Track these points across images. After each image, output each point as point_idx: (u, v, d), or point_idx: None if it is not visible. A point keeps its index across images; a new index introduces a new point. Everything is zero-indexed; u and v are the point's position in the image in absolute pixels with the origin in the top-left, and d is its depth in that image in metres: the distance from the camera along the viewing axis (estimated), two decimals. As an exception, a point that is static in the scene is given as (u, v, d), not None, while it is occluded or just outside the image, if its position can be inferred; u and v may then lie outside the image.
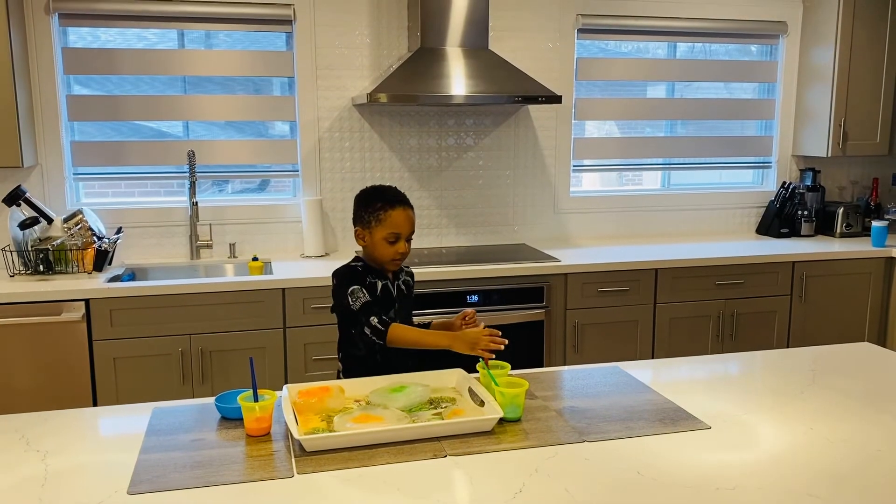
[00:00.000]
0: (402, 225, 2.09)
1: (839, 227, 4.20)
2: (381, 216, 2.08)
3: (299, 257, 3.66)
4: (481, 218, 4.00)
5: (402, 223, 2.09)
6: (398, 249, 2.09)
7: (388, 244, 2.09)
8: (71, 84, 3.54)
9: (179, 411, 1.83)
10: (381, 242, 2.09)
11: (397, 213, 2.08)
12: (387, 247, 2.09)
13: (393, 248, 2.09)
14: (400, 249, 2.09)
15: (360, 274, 2.11)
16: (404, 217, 2.09)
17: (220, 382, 3.13)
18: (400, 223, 2.08)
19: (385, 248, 2.09)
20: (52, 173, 3.48)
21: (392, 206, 2.09)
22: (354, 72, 3.72)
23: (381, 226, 2.08)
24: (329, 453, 1.57)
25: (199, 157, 3.61)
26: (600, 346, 3.55)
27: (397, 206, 2.09)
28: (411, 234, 2.12)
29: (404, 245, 2.10)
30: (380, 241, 2.09)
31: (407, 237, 2.11)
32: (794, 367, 2.14)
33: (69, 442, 1.65)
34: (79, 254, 3.21)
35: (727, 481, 1.45)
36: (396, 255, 2.09)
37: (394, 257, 2.10)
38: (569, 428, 1.71)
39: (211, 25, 3.58)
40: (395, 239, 2.08)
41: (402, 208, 2.10)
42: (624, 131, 4.29)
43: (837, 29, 4.01)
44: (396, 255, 2.09)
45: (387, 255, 2.10)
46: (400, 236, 2.09)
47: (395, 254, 2.09)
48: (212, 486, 1.44)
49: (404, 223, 2.09)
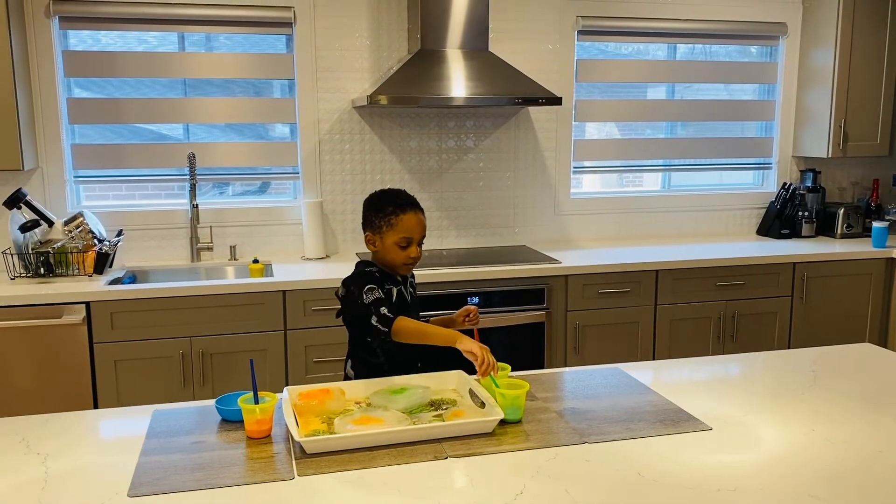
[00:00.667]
0: (413, 229, 2.06)
1: (840, 228, 4.20)
2: (393, 221, 2.05)
3: (300, 259, 3.66)
4: (482, 220, 4.00)
5: (413, 227, 2.06)
6: (410, 254, 2.07)
7: (399, 249, 2.06)
8: (71, 87, 3.54)
9: (180, 413, 1.83)
10: (393, 247, 2.06)
11: (409, 217, 2.06)
12: (398, 252, 2.06)
13: (405, 252, 2.07)
14: (412, 254, 2.07)
15: (379, 280, 2.06)
16: (416, 221, 2.07)
17: (221, 385, 3.13)
18: (411, 227, 2.06)
19: (397, 252, 2.07)
20: (53, 176, 3.48)
21: (403, 210, 2.06)
22: (354, 74, 3.72)
23: (393, 230, 2.05)
24: (330, 455, 1.57)
25: (200, 159, 3.61)
26: (601, 348, 3.54)
27: (409, 210, 2.06)
28: (423, 238, 2.10)
29: (416, 249, 2.08)
30: (391, 245, 2.06)
31: (419, 241, 2.08)
32: (795, 368, 2.14)
33: (70, 444, 1.65)
34: (79, 256, 3.21)
35: (728, 482, 1.45)
36: (408, 259, 2.07)
37: (406, 262, 2.08)
38: (569, 429, 1.70)
39: (211, 28, 3.59)
40: (407, 244, 2.06)
41: (414, 212, 2.07)
42: (624, 133, 4.29)
43: (837, 30, 4.01)
44: (408, 259, 2.07)
45: (399, 260, 2.08)
46: (412, 241, 2.06)
47: (406, 258, 2.07)
48: (212, 489, 1.44)
49: (416, 227, 2.07)
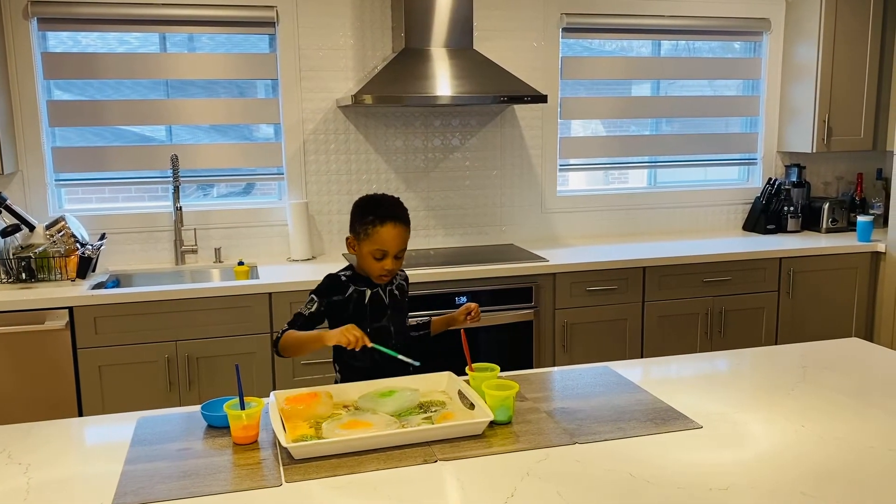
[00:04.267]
0: (389, 243, 2.02)
1: (825, 222, 4.22)
2: (370, 231, 2.02)
3: (286, 261, 3.63)
4: (469, 219, 3.99)
5: (389, 241, 2.02)
6: (384, 266, 2.04)
7: (374, 259, 2.03)
8: (51, 89, 3.49)
9: (165, 420, 1.80)
10: (368, 256, 2.04)
11: (386, 229, 2.01)
12: (373, 262, 2.04)
13: (379, 264, 2.04)
14: (386, 266, 2.04)
15: (343, 284, 2.08)
16: (394, 234, 2.02)
17: (208, 389, 3.10)
18: (387, 241, 2.02)
19: (371, 262, 2.04)
20: (34, 180, 3.43)
21: (382, 222, 2.01)
22: (339, 73, 3.69)
23: (369, 240, 2.03)
24: (318, 460, 1.55)
25: (183, 161, 3.58)
26: (589, 346, 3.54)
27: (388, 223, 2.01)
28: (401, 252, 2.06)
29: (391, 262, 2.04)
30: (367, 254, 2.04)
31: (395, 254, 2.04)
32: (784, 364, 2.14)
33: (52, 454, 1.62)
34: (62, 261, 3.17)
35: (720, 481, 1.45)
36: (383, 271, 2.04)
37: (380, 273, 2.05)
38: (560, 430, 1.69)
39: (193, 28, 3.55)
40: (382, 256, 2.03)
41: (394, 224, 2.02)
42: (609, 130, 4.29)
43: (820, 25, 4.03)
44: (383, 271, 2.04)
45: (373, 270, 2.06)
46: (387, 254, 2.03)
47: (381, 269, 2.04)
48: (198, 497, 1.42)
49: (392, 241, 2.02)
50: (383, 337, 2.08)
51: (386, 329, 2.11)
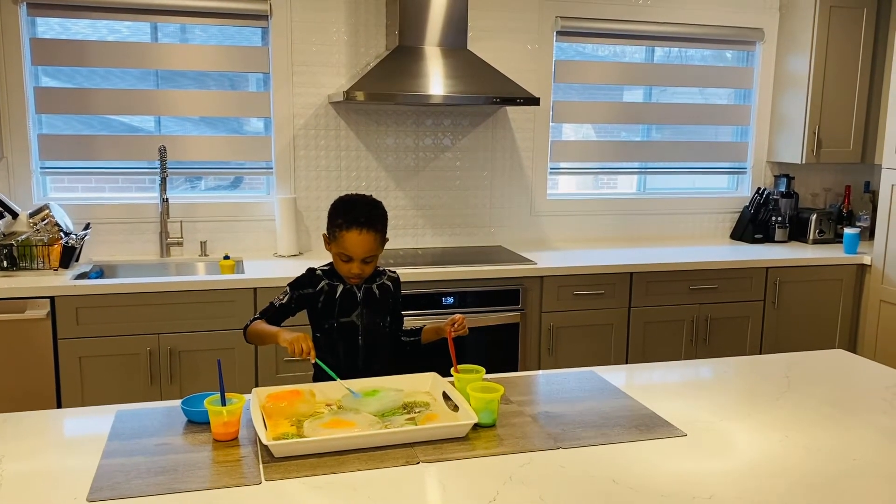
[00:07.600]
0: (353, 248, 2.02)
1: (812, 233, 4.23)
2: (338, 234, 2.04)
3: (272, 256, 3.61)
4: (458, 219, 3.97)
5: (353, 247, 2.02)
6: (351, 269, 2.05)
7: (341, 261, 2.07)
8: (39, 75, 3.45)
9: (144, 414, 1.77)
10: (337, 258, 2.08)
11: (351, 235, 2.01)
12: (341, 264, 2.08)
13: (346, 266, 2.06)
14: (353, 270, 2.05)
15: (316, 277, 2.13)
16: (358, 241, 2.01)
17: (189, 383, 3.07)
18: (351, 246, 2.02)
19: (340, 264, 2.09)
20: (18, 167, 3.39)
21: (349, 227, 2.01)
22: (331, 69, 3.67)
23: (336, 243, 2.06)
24: (298, 459, 1.53)
25: (172, 152, 3.54)
26: (575, 349, 3.54)
27: (353, 229, 2.01)
28: (370, 257, 2.05)
29: (358, 266, 2.04)
30: (335, 255, 2.09)
31: (363, 259, 2.04)
32: (769, 373, 2.14)
33: (28, 446, 1.59)
34: (44, 250, 3.13)
35: (703, 489, 1.44)
36: (350, 273, 2.06)
37: (347, 275, 2.07)
38: (544, 434, 1.68)
39: (185, 19, 3.51)
40: (348, 259, 2.04)
41: (359, 231, 2.01)
42: (600, 135, 4.29)
43: (813, 37, 4.04)
44: (350, 273, 2.06)
45: (342, 272, 2.09)
46: (352, 259, 2.04)
47: (348, 272, 2.06)
48: (175, 493, 1.39)
49: (357, 247, 2.02)
50: (349, 332, 2.11)
51: (353, 325, 2.12)
